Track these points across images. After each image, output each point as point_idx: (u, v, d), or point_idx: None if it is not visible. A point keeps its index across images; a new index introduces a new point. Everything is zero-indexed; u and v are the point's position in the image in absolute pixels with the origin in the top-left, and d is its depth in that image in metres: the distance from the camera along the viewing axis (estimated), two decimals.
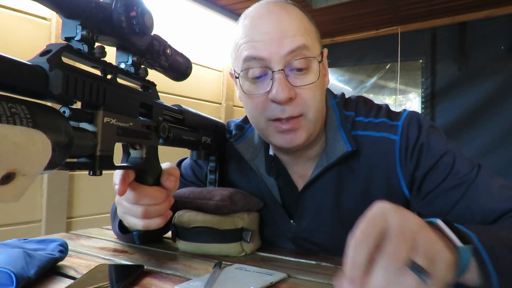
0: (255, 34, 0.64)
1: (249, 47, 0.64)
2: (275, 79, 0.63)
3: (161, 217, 0.60)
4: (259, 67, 0.64)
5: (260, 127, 0.69)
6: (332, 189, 0.71)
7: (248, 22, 0.67)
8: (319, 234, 0.74)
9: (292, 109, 0.64)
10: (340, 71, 3.26)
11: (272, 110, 0.64)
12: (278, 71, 0.62)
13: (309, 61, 0.65)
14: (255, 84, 0.66)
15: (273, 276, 0.56)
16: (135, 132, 0.53)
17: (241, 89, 0.68)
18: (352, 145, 0.67)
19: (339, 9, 2.52)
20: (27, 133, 0.31)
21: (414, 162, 0.65)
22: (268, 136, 0.69)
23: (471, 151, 2.56)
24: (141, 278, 0.56)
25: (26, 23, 1.55)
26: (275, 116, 0.64)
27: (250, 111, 0.70)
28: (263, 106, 0.65)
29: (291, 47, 0.62)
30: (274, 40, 0.63)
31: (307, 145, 0.71)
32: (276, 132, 0.66)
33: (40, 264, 0.53)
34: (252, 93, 0.66)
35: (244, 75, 0.67)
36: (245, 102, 0.70)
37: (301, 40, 0.63)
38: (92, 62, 0.47)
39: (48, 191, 1.59)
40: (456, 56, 2.71)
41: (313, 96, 0.65)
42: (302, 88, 0.64)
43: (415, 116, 0.68)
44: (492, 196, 0.59)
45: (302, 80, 0.64)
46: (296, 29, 0.64)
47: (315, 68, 0.66)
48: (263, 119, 0.67)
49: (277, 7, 0.66)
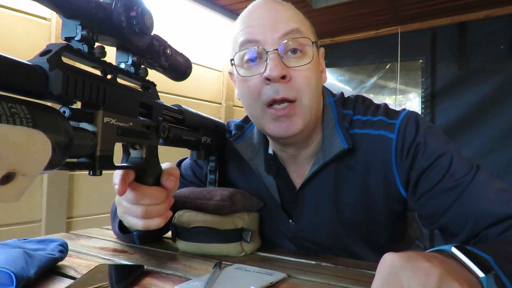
0: (250, 20, 0.67)
1: (244, 33, 0.67)
2: (270, 58, 0.64)
3: (161, 217, 0.60)
4: (253, 48, 0.66)
5: (256, 114, 0.69)
6: (329, 187, 0.71)
7: (245, 14, 0.70)
8: (318, 233, 0.74)
9: (286, 91, 0.64)
10: (340, 71, 3.26)
11: (266, 92, 0.65)
12: (272, 51, 0.64)
13: (303, 44, 0.66)
14: (250, 69, 0.67)
15: (273, 276, 0.56)
16: (135, 132, 0.53)
17: (238, 75, 0.69)
18: (349, 142, 0.67)
19: (339, 9, 2.52)
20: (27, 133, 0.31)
21: (409, 161, 0.65)
22: (263, 125, 0.69)
23: (471, 151, 2.56)
24: (141, 278, 0.56)
25: (26, 23, 1.55)
26: (269, 98, 0.64)
27: (246, 100, 0.70)
28: (258, 89, 0.66)
29: (285, 29, 0.65)
30: (269, 24, 0.65)
31: (304, 142, 0.71)
32: (271, 119, 0.66)
33: (40, 264, 0.53)
34: (247, 76, 0.67)
35: (240, 61, 0.68)
36: (241, 90, 0.71)
37: (295, 25, 0.66)
38: (92, 62, 0.47)
39: (48, 191, 1.59)
40: (456, 56, 2.71)
41: (307, 80, 0.65)
42: (296, 70, 0.65)
43: (413, 115, 0.68)
44: (488, 200, 0.58)
45: (296, 62, 0.65)
46: (290, 16, 0.67)
47: (309, 52, 0.67)
48: (259, 105, 0.67)
49: (273, 1, 0.69)
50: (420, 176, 0.64)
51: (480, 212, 0.58)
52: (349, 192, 0.70)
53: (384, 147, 0.67)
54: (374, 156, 0.68)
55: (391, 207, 0.70)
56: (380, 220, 0.71)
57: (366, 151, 0.68)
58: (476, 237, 0.59)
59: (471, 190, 0.60)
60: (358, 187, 0.69)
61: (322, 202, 0.72)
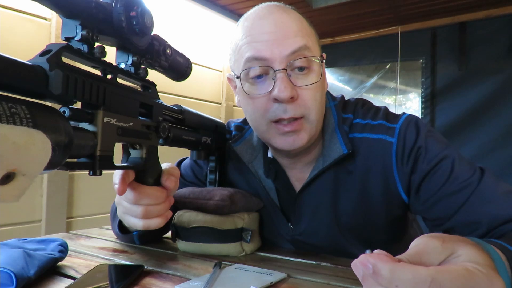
0: (256, 34, 0.64)
1: (250, 48, 0.64)
2: (277, 78, 0.62)
3: (161, 217, 0.60)
4: (260, 66, 0.64)
5: (261, 130, 0.68)
6: (329, 191, 0.70)
7: (248, 24, 0.67)
8: (317, 237, 0.74)
9: (294, 110, 0.63)
10: (340, 71, 3.26)
11: (274, 111, 0.64)
12: (280, 70, 0.62)
13: (311, 61, 0.65)
14: (255, 85, 0.66)
15: (273, 276, 0.56)
16: (135, 132, 0.53)
17: (242, 90, 0.67)
18: (348, 147, 0.67)
19: (339, 9, 2.52)
20: (27, 133, 0.31)
21: (410, 165, 0.64)
22: (269, 139, 0.68)
23: (471, 151, 2.56)
24: (141, 278, 0.56)
25: (26, 23, 1.55)
26: (277, 117, 0.64)
27: (251, 114, 0.69)
28: (265, 107, 0.65)
29: (293, 47, 0.63)
30: (276, 40, 0.63)
31: (306, 150, 0.71)
32: (277, 134, 0.66)
33: (40, 264, 0.53)
34: (253, 94, 0.66)
35: (245, 76, 0.66)
36: (246, 104, 0.69)
37: (303, 41, 0.64)
38: (92, 62, 0.47)
39: (48, 191, 1.59)
40: (456, 56, 2.71)
41: (314, 97, 0.65)
42: (304, 88, 0.64)
43: (413, 119, 0.68)
44: (497, 202, 0.58)
45: (303, 80, 0.64)
46: (297, 30, 0.64)
47: (317, 69, 0.66)
48: (264, 121, 0.66)
49: (278, 9, 0.66)
50: (422, 180, 0.64)
51: (491, 216, 0.58)
52: (348, 196, 0.70)
53: (384, 151, 0.66)
54: (374, 160, 0.67)
55: (391, 211, 0.69)
56: (380, 223, 0.71)
57: (365, 155, 0.68)
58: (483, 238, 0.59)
59: (479, 193, 0.59)
60: (357, 192, 0.69)
61: (321, 206, 0.72)
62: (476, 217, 0.59)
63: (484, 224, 0.58)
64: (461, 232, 0.61)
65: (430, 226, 0.67)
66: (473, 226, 0.59)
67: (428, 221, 0.67)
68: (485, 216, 0.58)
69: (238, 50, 0.67)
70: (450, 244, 0.36)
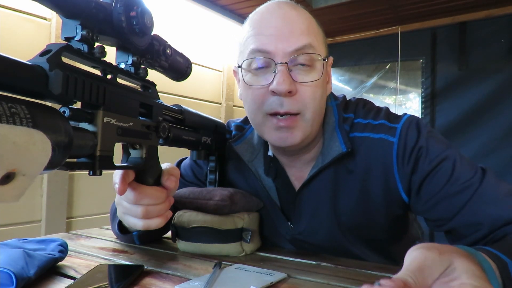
0: (263, 28, 0.65)
1: (256, 40, 0.65)
2: (278, 71, 0.63)
3: (161, 217, 0.60)
4: (262, 57, 0.65)
5: (257, 122, 0.69)
6: (328, 190, 0.70)
7: (257, 17, 0.68)
8: (317, 236, 0.74)
9: (290, 105, 0.63)
10: (340, 71, 3.26)
11: (270, 103, 0.64)
12: (281, 64, 0.63)
13: (314, 60, 0.65)
14: (256, 76, 0.67)
15: (273, 276, 0.56)
16: (135, 132, 0.53)
17: (243, 81, 0.68)
18: (347, 146, 0.67)
19: (339, 9, 2.52)
20: (27, 133, 0.31)
21: (411, 165, 0.64)
22: (264, 133, 0.69)
23: (471, 151, 2.56)
24: (141, 278, 0.56)
25: (26, 23, 1.55)
26: (273, 110, 0.64)
27: (249, 105, 0.69)
28: (262, 98, 0.65)
29: (297, 44, 0.63)
30: (282, 35, 0.63)
31: (305, 147, 0.71)
32: (272, 128, 0.66)
33: (40, 264, 0.53)
34: (253, 84, 0.66)
35: (247, 67, 0.67)
36: (245, 95, 0.70)
37: (308, 40, 0.64)
38: (92, 62, 0.47)
39: (48, 191, 1.59)
40: (456, 56, 2.71)
41: (313, 96, 0.65)
42: (303, 85, 0.64)
43: (414, 120, 0.68)
44: (499, 203, 0.58)
45: (304, 76, 0.65)
46: (304, 28, 0.65)
47: (319, 67, 0.66)
48: (261, 113, 0.67)
49: (287, 6, 0.67)
50: (423, 180, 0.64)
51: (493, 217, 0.57)
52: (348, 195, 0.70)
53: (385, 151, 0.66)
54: (375, 159, 0.67)
55: (391, 211, 0.69)
56: (380, 223, 0.71)
57: (366, 155, 0.68)
58: (485, 239, 0.59)
59: (481, 194, 0.59)
60: (357, 191, 0.69)
61: (321, 205, 0.72)
62: (478, 218, 0.59)
63: (486, 225, 0.58)
64: (463, 233, 0.61)
65: (431, 227, 0.67)
66: (475, 227, 0.59)
67: (430, 221, 0.66)
68: (487, 217, 0.58)
69: (244, 41, 0.68)
70: (447, 256, 0.37)
